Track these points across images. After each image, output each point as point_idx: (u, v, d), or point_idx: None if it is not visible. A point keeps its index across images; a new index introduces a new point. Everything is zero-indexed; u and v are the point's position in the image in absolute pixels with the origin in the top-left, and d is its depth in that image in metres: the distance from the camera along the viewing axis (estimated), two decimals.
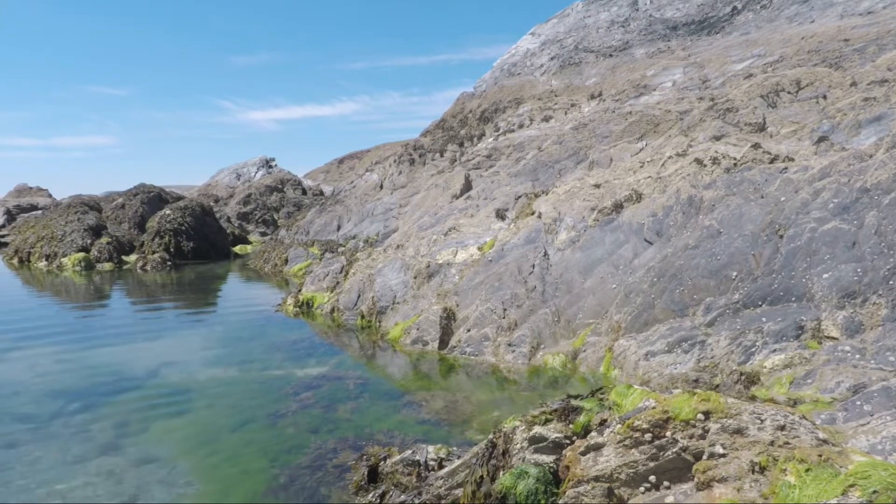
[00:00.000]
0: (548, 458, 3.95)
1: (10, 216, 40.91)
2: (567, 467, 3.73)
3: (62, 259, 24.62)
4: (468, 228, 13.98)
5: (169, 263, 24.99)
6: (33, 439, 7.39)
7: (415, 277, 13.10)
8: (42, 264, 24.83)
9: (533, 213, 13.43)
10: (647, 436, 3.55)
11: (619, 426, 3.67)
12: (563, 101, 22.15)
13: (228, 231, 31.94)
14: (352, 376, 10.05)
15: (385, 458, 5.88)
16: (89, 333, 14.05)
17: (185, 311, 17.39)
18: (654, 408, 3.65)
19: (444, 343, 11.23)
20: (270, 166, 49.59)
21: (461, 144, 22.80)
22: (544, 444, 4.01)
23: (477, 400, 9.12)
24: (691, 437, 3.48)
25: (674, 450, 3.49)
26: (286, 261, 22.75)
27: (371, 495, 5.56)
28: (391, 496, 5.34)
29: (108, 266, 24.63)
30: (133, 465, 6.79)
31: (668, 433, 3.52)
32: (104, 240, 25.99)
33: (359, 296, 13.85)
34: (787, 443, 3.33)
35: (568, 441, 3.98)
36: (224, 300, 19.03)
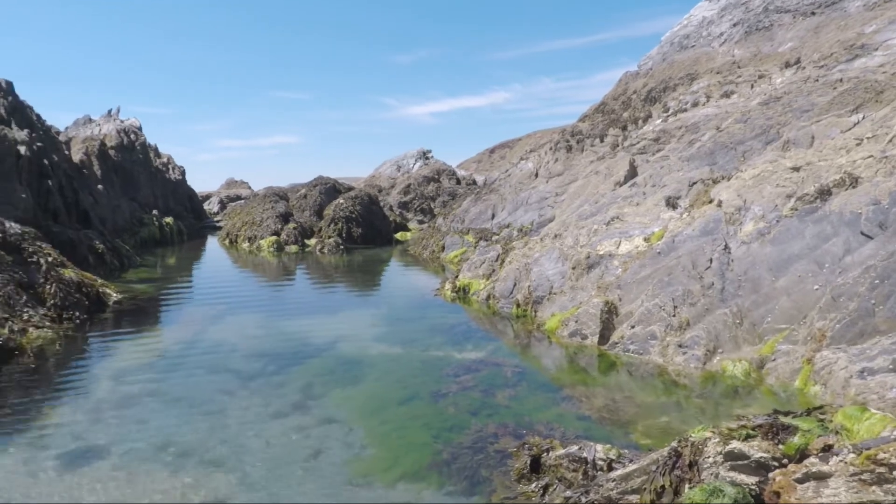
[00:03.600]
0: (748, 479, 3.44)
1: (223, 205, 49.24)
2: (776, 493, 3.20)
3: (259, 241, 28.80)
4: (633, 218, 13.04)
5: (342, 247, 27.73)
6: (244, 390, 8.71)
7: (573, 268, 12.64)
8: (245, 245, 29.32)
9: (711, 202, 12.03)
10: None
11: (852, 456, 3.02)
12: (748, 73, 19.44)
13: (391, 219, 34.36)
14: (509, 364, 10.07)
15: (548, 450, 5.74)
16: (281, 305, 16.23)
17: (355, 290, 19.14)
18: None
19: (604, 338, 10.67)
20: (427, 158, 52.05)
21: (624, 128, 21.37)
22: (744, 462, 3.50)
23: (641, 402, 8.50)
24: None
25: None
26: (443, 248, 23.71)
27: (534, 485, 5.47)
28: (555, 490, 5.19)
29: (293, 248, 28.20)
30: (317, 423, 7.62)
31: None
32: (291, 225, 29.78)
33: (514, 284, 13.82)
34: None
35: (776, 463, 3.41)
36: (387, 282, 20.54)
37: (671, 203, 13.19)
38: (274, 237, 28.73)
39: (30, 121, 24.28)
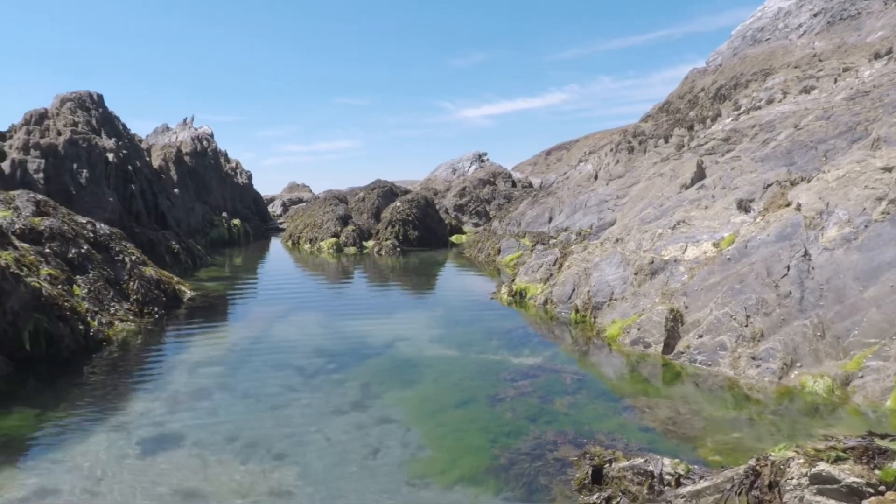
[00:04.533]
0: None
1: (285, 207, 51.36)
2: None
3: (320, 243, 29.77)
4: (701, 222, 12.43)
5: (398, 249, 28.17)
6: (306, 387, 9.00)
7: (635, 273, 12.21)
8: (307, 246, 30.40)
9: (788, 205, 11.28)
10: None
11: None
12: (831, 66, 18.09)
13: (446, 222, 34.58)
14: (567, 370, 9.85)
15: (611, 461, 5.54)
16: (340, 305, 16.69)
17: (412, 292, 19.38)
18: None
19: (668, 347, 10.22)
20: (482, 160, 51.98)
21: (690, 128, 20.44)
22: (834, 486, 3.22)
23: (709, 416, 8.06)
24: None
25: None
26: (499, 251, 23.58)
27: (595, 496, 5.30)
28: (618, 503, 5.01)
29: (352, 250, 28.94)
30: (375, 422, 7.74)
31: None
32: (350, 228, 30.59)
33: (573, 289, 13.52)
34: None
35: (871, 490, 3.12)
36: (443, 285, 20.66)
37: (743, 206, 12.47)
38: (334, 239, 29.61)
39: (117, 130, 26.32)
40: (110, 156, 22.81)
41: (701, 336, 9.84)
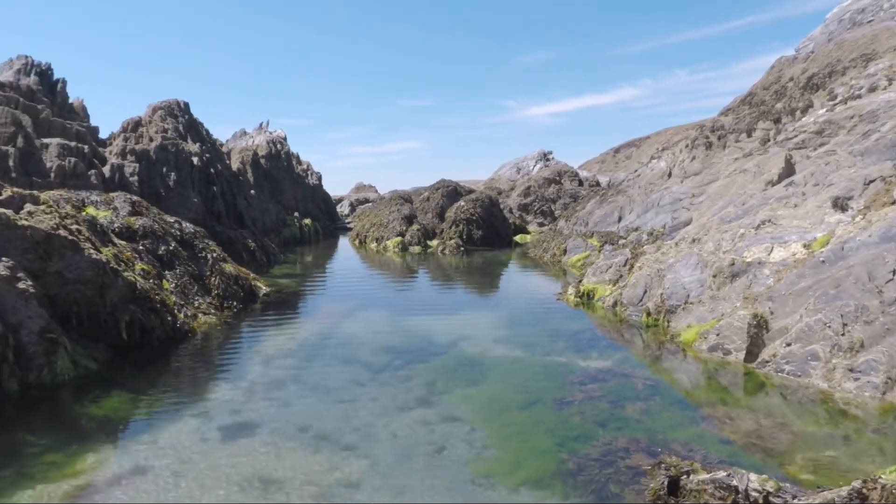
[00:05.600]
0: None
1: (353, 207, 52.97)
2: None
3: (386, 241, 30.41)
4: (789, 221, 11.50)
5: (462, 248, 28.25)
6: (373, 383, 9.19)
7: (714, 276, 11.50)
8: (373, 245, 31.15)
9: (894, 202, 10.20)
10: None
11: None
12: None
13: (510, 221, 34.27)
14: (639, 376, 9.43)
15: (688, 473, 5.23)
16: (405, 303, 16.94)
17: (475, 291, 19.35)
18: None
19: (751, 355, 9.54)
20: (548, 159, 51.07)
21: (777, 120, 18.98)
22: None
23: (798, 430, 7.44)
24: None
25: None
26: (564, 251, 23.05)
27: None
28: None
29: (416, 249, 29.33)
30: (440, 420, 7.76)
31: None
32: (415, 227, 31.02)
33: (645, 291, 12.95)
34: None
35: None
36: (507, 285, 20.47)
37: (839, 204, 11.41)
38: (399, 238, 30.15)
39: (200, 135, 28.19)
40: (195, 159, 24.48)
41: (789, 344, 9.10)
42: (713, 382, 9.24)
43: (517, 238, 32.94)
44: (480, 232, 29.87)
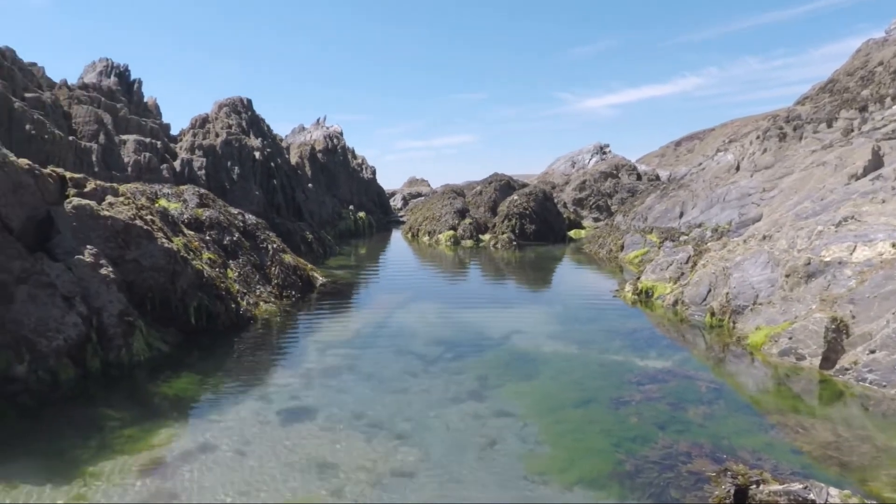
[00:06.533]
0: None
1: (405, 201, 53.60)
2: None
3: (438, 235, 30.56)
4: (876, 218, 10.59)
5: (514, 243, 27.95)
6: (425, 374, 9.25)
7: (787, 276, 10.78)
8: (425, 239, 31.39)
9: None
10: None
11: None
12: None
13: (564, 216, 33.58)
14: (702, 378, 9.00)
15: (758, 483, 4.93)
16: (457, 296, 16.96)
17: (528, 286, 19.11)
18: None
19: (828, 361, 8.89)
20: (604, 152, 49.65)
21: (863, 109, 17.49)
22: None
23: (883, 445, 6.86)
24: None
25: None
26: (621, 247, 22.35)
27: None
28: None
29: (469, 243, 29.31)
30: (493, 414, 7.70)
31: None
32: (467, 221, 30.99)
33: (709, 290, 12.33)
34: None
35: None
36: (561, 280, 20.07)
37: None
38: (451, 232, 30.21)
39: (262, 131, 29.32)
40: (257, 154, 25.49)
41: (873, 351, 8.40)
42: (784, 389, 8.68)
43: (571, 233, 32.25)
44: (533, 226, 29.45)
